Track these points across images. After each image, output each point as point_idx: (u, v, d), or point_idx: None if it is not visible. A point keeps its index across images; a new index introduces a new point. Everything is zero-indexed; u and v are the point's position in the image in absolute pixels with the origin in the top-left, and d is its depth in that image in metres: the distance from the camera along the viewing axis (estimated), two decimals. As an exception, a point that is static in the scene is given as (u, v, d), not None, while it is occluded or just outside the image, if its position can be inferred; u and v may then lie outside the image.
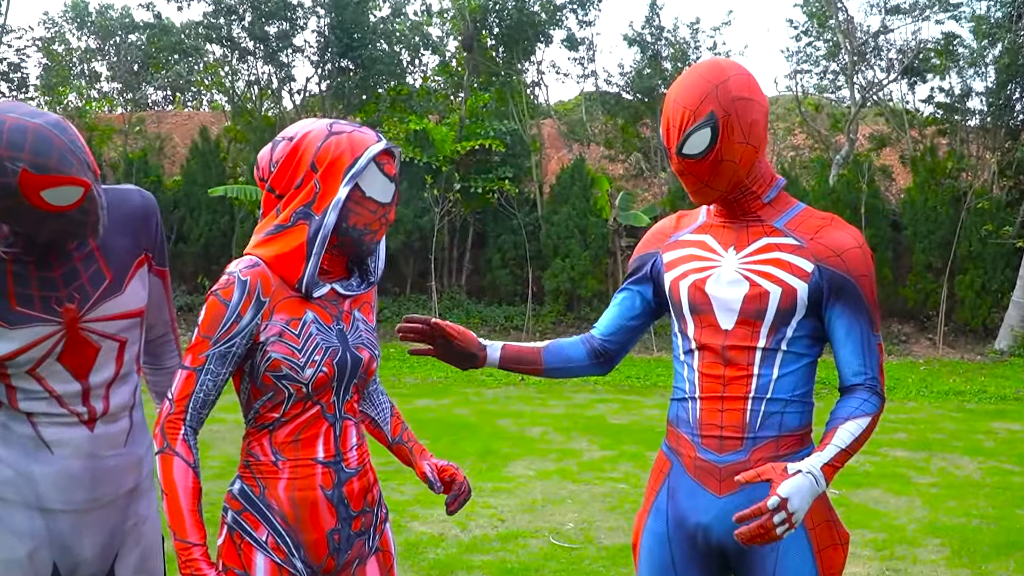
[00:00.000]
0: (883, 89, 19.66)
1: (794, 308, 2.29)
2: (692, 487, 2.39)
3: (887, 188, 19.00)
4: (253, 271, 2.14)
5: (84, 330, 2.25)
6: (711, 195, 2.33)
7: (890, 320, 17.13)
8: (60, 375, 2.24)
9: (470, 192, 18.56)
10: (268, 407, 2.18)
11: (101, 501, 2.33)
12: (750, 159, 2.28)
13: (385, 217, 2.23)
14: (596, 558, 5.54)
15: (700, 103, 2.24)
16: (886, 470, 7.90)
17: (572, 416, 10.60)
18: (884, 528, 6.20)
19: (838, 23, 19.10)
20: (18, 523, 2.23)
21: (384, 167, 2.20)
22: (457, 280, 19.73)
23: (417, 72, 22.60)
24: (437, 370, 14.14)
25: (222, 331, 2.11)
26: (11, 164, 1.98)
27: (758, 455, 2.31)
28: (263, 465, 2.18)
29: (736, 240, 2.39)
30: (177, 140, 23.00)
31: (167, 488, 2.07)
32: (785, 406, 2.32)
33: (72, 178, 2.06)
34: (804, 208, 2.39)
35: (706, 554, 2.40)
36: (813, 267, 2.28)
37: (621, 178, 20.79)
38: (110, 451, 2.33)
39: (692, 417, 2.39)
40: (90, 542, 2.33)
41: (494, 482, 7.37)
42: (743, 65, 2.34)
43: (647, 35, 20.15)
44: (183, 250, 19.29)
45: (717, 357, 2.36)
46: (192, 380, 2.11)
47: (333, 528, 2.21)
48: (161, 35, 22.03)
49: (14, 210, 2.03)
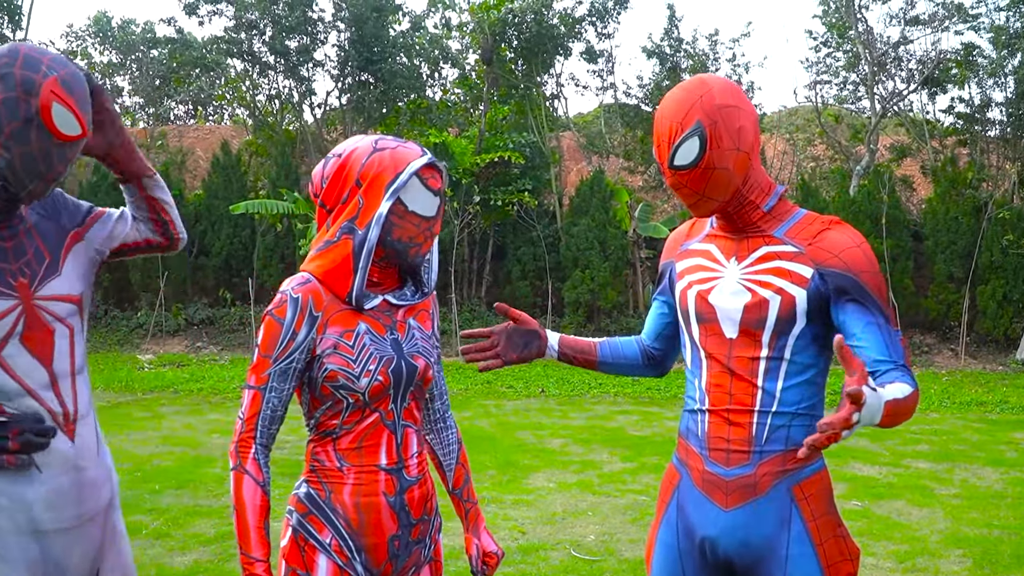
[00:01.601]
0: (903, 100, 19.60)
1: (794, 316, 2.29)
2: (700, 500, 2.40)
3: (908, 199, 18.94)
4: (304, 288, 2.21)
5: (38, 308, 2.26)
6: (710, 206, 2.34)
7: (912, 331, 17.05)
8: (25, 359, 2.22)
9: (490, 204, 18.61)
10: (328, 415, 2.25)
11: (87, 516, 2.34)
12: (743, 165, 2.29)
13: (430, 230, 2.29)
14: (617, 570, 5.54)
15: (686, 114, 2.27)
16: (909, 481, 7.86)
17: (592, 428, 10.60)
18: (906, 539, 6.17)
19: (857, 34, 19.06)
20: (12, 551, 2.21)
21: (427, 181, 2.25)
22: (477, 292, 19.76)
23: (437, 85, 22.69)
24: (457, 383, 14.15)
25: (280, 349, 2.19)
26: (47, 68, 2.14)
27: (765, 469, 2.31)
28: (329, 471, 2.25)
29: (738, 250, 2.40)
30: (199, 154, 23.14)
31: (237, 504, 2.15)
32: (791, 419, 2.31)
33: (80, 116, 2.20)
34: (805, 214, 2.38)
35: (715, 567, 2.40)
36: (812, 272, 2.27)
37: (640, 190, 20.79)
38: (88, 462, 2.35)
39: (701, 430, 2.40)
40: (79, 560, 2.33)
41: (515, 494, 7.37)
42: (727, 79, 2.37)
43: (666, 47, 20.18)
44: (204, 263, 19.41)
45: (723, 368, 2.37)
46: (258, 398, 2.19)
47: (394, 534, 2.28)
48: (183, 50, 22.18)
49: (16, 106, 2.11)
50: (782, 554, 2.29)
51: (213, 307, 19.48)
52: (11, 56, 2.12)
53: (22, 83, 2.10)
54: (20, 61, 2.12)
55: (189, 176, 22.25)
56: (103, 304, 19.54)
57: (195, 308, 19.33)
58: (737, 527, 2.32)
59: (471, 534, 2.55)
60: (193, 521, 6.50)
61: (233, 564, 5.56)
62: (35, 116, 2.11)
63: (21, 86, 2.10)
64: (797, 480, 2.31)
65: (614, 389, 13.58)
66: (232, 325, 18.87)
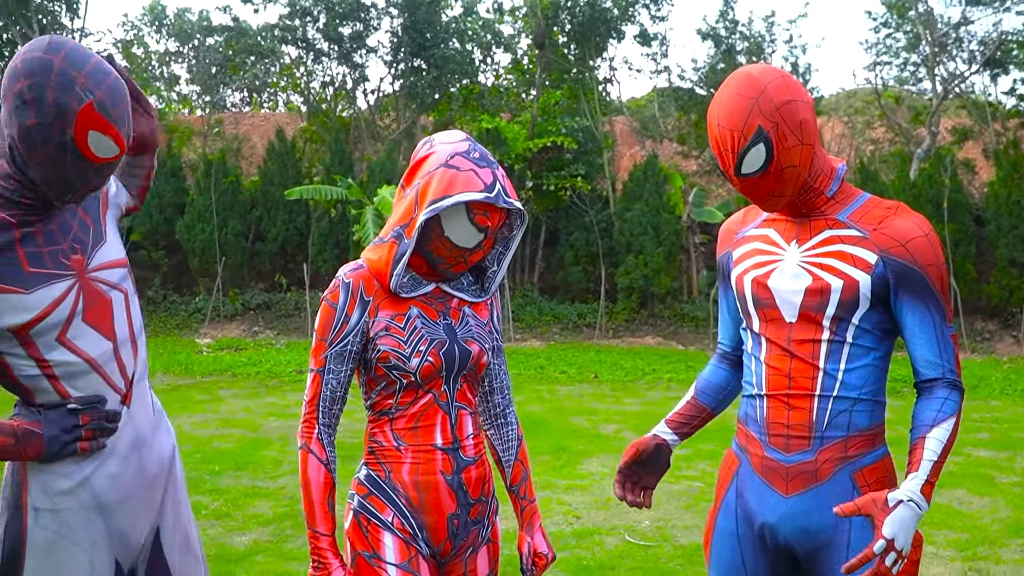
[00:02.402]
0: (964, 81, 19.27)
1: (857, 300, 2.25)
2: (760, 486, 2.37)
3: (969, 182, 18.61)
4: (356, 273, 2.30)
5: (93, 280, 2.26)
6: (780, 202, 2.30)
7: (973, 317, 16.78)
8: (89, 336, 2.23)
9: (542, 190, 18.59)
10: (383, 396, 2.32)
11: (147, 481, 2.36)
12: (808, 158, 2.25)
13: (464, 259, 2.29)
14: (672, 556, 5.52)
15: (746, 121, 2.20)
16: (969, 470, 7.74)
17: (647, 414, 10.56)
18: (967, 528, 6.08)
19: (918, 14, 18.75)
20: (76, 532, 2.23)
21: (475, 217, 2.23)
22: (529, 277, 19.77)
23: (489, 70, 22.70)
24: (510, 367, 14.16)
25: (335, 332, 2.27)
26: (83, 92, 2.04)
27: (826, 455, 2.28)
28: (387, 451, 2.32)
29: (799, 233, 2.36)
30: (255, 141, 23.38)
31: (303, 482, 2.25)
32: (854, 404, 2.28)
33: (119, 136, 2.12)
34: (869, 198, 2.34)
35: (775, 553, 2.38)
36: (877, 258, 2.24)
37: (694, 174, 20.66)
38: (147, 424, 2.37)
39: (760, 416, 2.37)
40: (142, 524, 2.35)
41: (568, 479, 7.37)
42: (773, 67, 2.30)
43: (721, 29, 20.00)
44: (261, 249, 19.62)
45: (783, 351, 2.33)
46: (318, 380, 2.29)
47: (453, 513, 2.33)
48: (238, 37, 22.39)
49: (50, 133, 2.04)
50: (844, 541, 2.26)
51: (269, 292, 19.69)
52: (43, 73, 2.01)
53: (56, 110, 2.02)
54: (53, 81, 2.01)
55: (245, 163, 22.49)
56: (162, 289, 19.84)
57: (252, 293, 19.55)
58: (798, 514, 2.29)
59: (525, 532, 2.55)
60: (252, 502, 6.58)
61: (291, 544, 5.63)
62: (70, 143, 2.05)
63: (55, 113, 2.02)
64: (859, 467, 2.28)
65: (668, 375, 13.52)
66: (288, 310, 19.06)
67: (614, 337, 17.58)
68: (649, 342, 17.21)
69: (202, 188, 19.50)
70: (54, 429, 2.18)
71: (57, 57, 2.03)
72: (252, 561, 5.36)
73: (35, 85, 2.01)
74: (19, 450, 2.15)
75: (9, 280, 2.12)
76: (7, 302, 2.11)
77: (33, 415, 2.19)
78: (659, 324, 18.09)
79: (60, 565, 2.21)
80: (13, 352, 2.16)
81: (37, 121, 2.03)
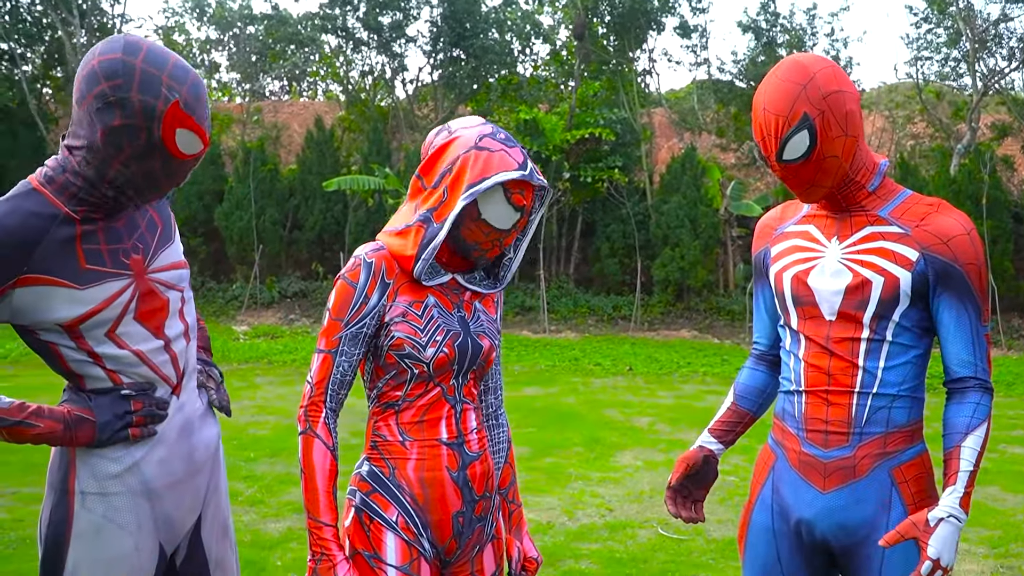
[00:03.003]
0: (1004, 78, 19.04)
1: (897, 298, 2.25)
2: (796, 482, 2.37)
3: (1008, 179, 18.42)
4: (378, 254, 2.21)
5: (152, 281, 2.27)
6: (820, 193, 2.30)
7: (1011, 315, 16.62)
8: (139, 333, 2.24)
9: (579, 181, 18.58)
10: (391, 385, 2.24)
11: (195, 468, 2.37)
12: (851, 150, 2.24)
13: (499, 242, 2.25)
14: (705, 550, 5.53)
15: (792, 107, 2.21)
16: (1004, 467, 7.69)
17: (680, 407, 10.56)
18: (1000, 525, 6.05)
19: (958, 10, 18.55)
20: (124, 516, 2.24)
21: (512, 196, 2.21)
22: (565, 269, 19.77)
23: (528, 61, 22.69)
24: (545, 359, 14.20)
25: (352, 312, 2.18)
26: (168, 92, 2.05)
27: (864, 451, 2.28)
28: (391, 445, 2.23)
29: (839, 230, 2.35)
30: (294, 129, 23.51)
31: (306, 468, 2.15)
32: (893, 401, 2.28)
33: (203, 132, 2.14)
34: (910, 195, 2.33)
35: (811, 549, 2.39)
36: (918, 255, 2.23)
37: (733, 167, 20.56)
38: (195, 412, 2.39)
39: (798, 411, 2.37)
40: (186, 511, 2.37)
41: (601, 471, 7.40)
42: (824, 57, 2.29)
43: (762, 22, 19.88)
44: (298, 237, 19.75)
45: (822, 349, 2.33)
46: (328, 362, 2.18)
47: (458, 510, 2.25)
48: (279, 26, 22.52)
49: (136, 133, 2.06)
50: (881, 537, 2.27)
51: (306, 280, 19.83)
52: (126, 75, 2.03)
53: (143, 111, 2.04)
54: (137, 83, 2.03)
55: (284, 151, 22.62)
56: (200, 276, 20.02)
57: (288, 281, 19.69)
58: (835, 509, 2.30)
59: (513, 536, 2.49)
60: (286, 489, 6.65)
61: (325, 532, 5.69)
62: (158, 143, 2.08)
63: (142, 114, 2.04)
64: (897, 463, 2.28)
65: (703, 368, 13.49)
66: (324, 298, 19.17)
67: (649, 330, 17.56)
68: (684, 335, 17.17)
69: (240, 176, 19.66)
70: (106, 415, 2.19)
71: (137, 59, 2.05)
72: (286, 548, 5.42)
73: (118, 87, 2.03)
74: (70, 436, 2.16)
75: (65, 275, 2.13)
76: (60, 296, 2.13)
77: (84, 401, 2.21)
78: (694, 317, 18.04)
79: (106, 549, 2.22)
80: (64, 344, 2.18)
81: (124, 122, 2.04)
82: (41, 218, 2.11)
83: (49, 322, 2.14)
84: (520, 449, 7.91)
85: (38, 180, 2.17)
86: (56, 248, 2.12)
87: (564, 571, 5.14)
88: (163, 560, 2.33)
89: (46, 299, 2.12)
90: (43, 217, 2.11)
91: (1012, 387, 12.00)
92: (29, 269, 2.10)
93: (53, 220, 2.12)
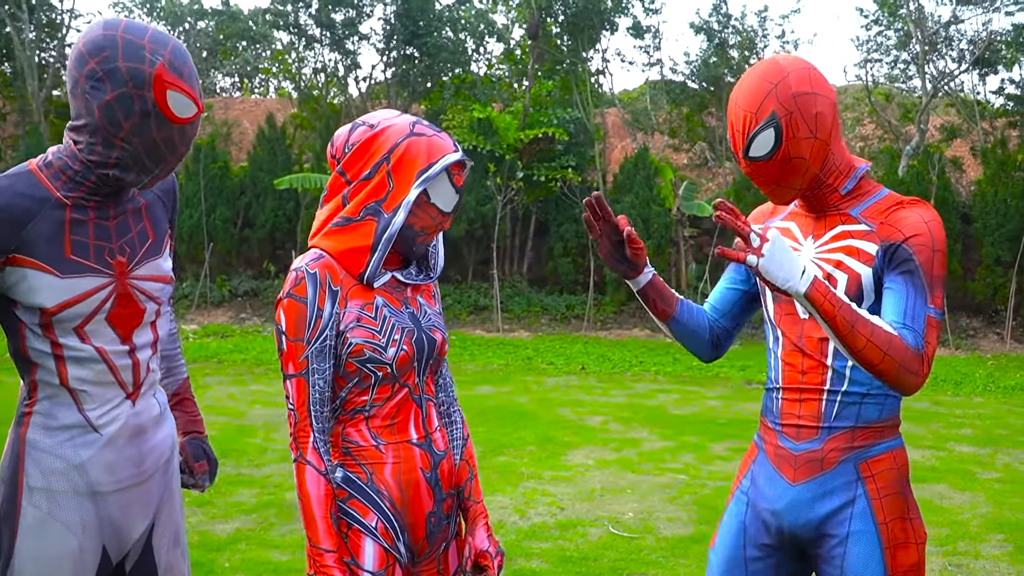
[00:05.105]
0: (954, 80, 19.33)
1: (861, 295, 2.27)
2: (771, 474, 2.41)
3: (957, 180, 18.69)
4: (319, 263, 2.17)
5: (132, 286, 2.26)
6: (788, 194, 2.32)
7: (958, 314, 16.86)
8: (107, 334, 2.24)
9: (533, 180, 18.58)
10: (355, 393, 2.21)
11: (145, 475, 2.35)
12: (820, 153, 2.26)
13: (442, 225, 2.26)
14: (655, 548, 5.54)
15: (760, 104, 2.22)
16: (951, 466, 7.78)
17: (633, 406, 10.59)
18: (947, 523, 6.12)
19: (909, 12, 18.78)
20: (68, 514, 2.23)
21: (454, 177, 2.23)
22: (519, 268, 19.77)
23: (481, 60, 22.71)
24: (498, 357, 14.18)
25: (311, 329, 2.14)
26: (151, 55, 2.08)
27: (832, 444, 2.31)
28: (366, 451, 2.21)
29: (815, 229, 2.38)
30: (245, 126, 23.30)
31: (302, 495, 2.13)
32: (863, 398, 2.30)
33: (194, 94, 2.16)
34: (887, 194, 2.34)
35: (779, 540, 2.41)
36: (877, 249, 2.25)
37: (685, 167, 20.68)
38: (150, 420, 2.36)
39: (775, 407, 2.42)
40: (135, 518, 2.35)
41: (553, 470, 7.39)
42: (804, 59, 2.31)
43: (714, 23, 20.01)
44: (249, 236, 19.57)
45: (795, 348, 2.37)
46: (303, 384, 2.14)
47: (431, 510, 2.27)
48: (229, 22, 22.35)
49: (131, 102, 2.08)
50: (844, 531, 2.29)
51: (257, 279, 19.65)
52: (110, 47, 2.07)
53: (131, 77, 2.06)
54: (121, 52, 2.07)
55: (235, 148, 22.42)
56: (149, 274, 19.71)
57: (239, 280, 19.51)
58: (802, 501, 2.33)
59: (467, 533, 2.45)
60: (235, 490, 6.58)
61: (275, 532, 5.63)
62: (152, 108, 2.09)
63: (131, 81, 2.06)
64: (865, 457, 2.30)
65: (655, 367, 13.55)
66: (276, 297, 18.96)
67: (602, 329, 17.61)
68: (637, 334, 17.24)
69: (190, 173, 19.40)
70: None
71: (118, 31, 2.09)
72: (235, 549, 5.35)
73: (105, 59, 2.06)
74: None
75: (49, 260, 2.14)
76: (40, 280, 2.14)
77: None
78: (647, 316, 18.09)
79: (51, 546, 2.21)
80: (32, 326, 2.18)
81: (116, 93, 2.07)
82: (31, 199, 2.14)
83: (29, 303, 2.16)
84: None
85: (36, 163, 2.20)
86: (44, 231, 2.14)
87: (515, 570, 5.12)
88: (106, 565, 2.31)
89: (27, 281, 2.14)
90: (33, 199, 2.14)
91: (960, 386, 12.15)
92: (18, 250, 2.12)
93: (44, 203, 2.15)
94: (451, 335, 15.49)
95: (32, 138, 19.59)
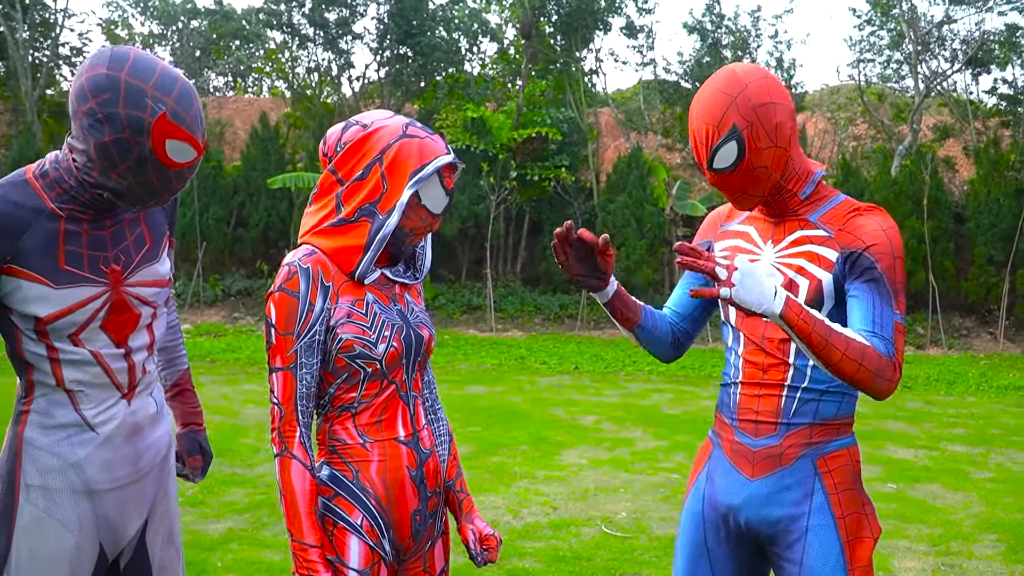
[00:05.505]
0: (946, 80, 19.36)
1: (822, 299, 2.30)
2: (728, 469, 2.44)
3: (950, 180, 18.73)
4: (312, 258, 2.16)
5: (126, 293, 2.27)
6: (752, 201, 2.36)
7: (951, 314, 16.88)
8: (102, 340, 2.25)
9: (526, 180, 18.58)
10: (344, 389, 2.21)
11: (142, 472, 2.37)
12: (781, 161, 2.30)
13: (431, 226, 2.27)
14: (648, 547, 5.54)
15: (722, 117, 2.25)
16: (944, 465, 7.80)
17: (626, 406, 10.59)
18: (940, 523, 6.13)
19: (901, 12, 18.81)
20: (65, 512, 2.24)
21: (444, 180, 2.24)
22: (512, 268, 19.76)
23: (475, 59, 22.67)
24: (492, 357, 14.18)
25: (301, 323, 2.13)
26: (154, 104, 2.05)
27: (790, 440, 2.35)
28: (352, 448, 2.21)
29: (774, 234, 2.42)
30: (238, 126, 23.27)
31: (285, 490, 2.11)
32: (821, 395, 2.34)
33: (195, 140, 2.13)
34: (844, 200, 2.38)
35: (737, 535, 2.44)
36: (837, 255, 2.29)
37: (678, 167, 20.69)
38: (146, 418, 2.37)
39: (732, 402, 2.44)
40: (130, 516, 2.36)
41: (547, 470, 7.39)
42: (761, 67, 2.35)
43: (707, 23, 20.03)
44: (242, 235, 19.53)
45: (757, 347, 2.40)
46: (290, 378, 2.13)
47: (416, 508, 2.26)
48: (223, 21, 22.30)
49: (127, 147, 2.06)
50: (803, 525, 2.33)
51: (250, 278, 19.61)
52: (112, 90, 2.02)
53: (130, 124, 2.03)
54: (123, 97, 2.02)
55: (228, 148, 22.37)
56: (142, 274, 19.67)
57: (233, 279, 19.47)
58: (761, 497, 2.36)
59: (465, 522, 2.47)
60: (228, 489, 6.57)
61: (267, 532, 5.62)
62: (149, 155, 2.07)
63: (129, 128, 2.03)
64: (822, 453, 2.34)
65: (648, 367, 13.55)
66: (269, 296, 18.98)
67: (595, 329, 17.61)
68: (630, 334, 17.24)
69: (184, 172, 19.37)
70: None
71: (122, 72, 2.04)
72: (227, 549, 5.34)
73: (105, 103, 2.02)
74: None
75: (43, 271, 2.14)
76: (34, 290, 2.14)
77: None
78: (640, 316, 18.10)
79: (47, 544, 2.22)
80: (28, 332, 2.19)
81: (113, 137, 2.04)
82: (25, 210, 2.13)
83: (23, 312, 2.16)
84: (465, 448, 7.88)
85: (33, 171, 2.19)
86: (38, 242, 2.13)
87: (508, 570, 5.12)
88: (103, 563, 2.32)
89: (21, 291, 2.14)
90: (28, 209, 2.13)
91: (952, 386, 12.18)
92: (13, 260, 2.12)
93: (38, 214, 2.14)
94: (444, 335, 15.47)
95: (25, 138, 19.56)
